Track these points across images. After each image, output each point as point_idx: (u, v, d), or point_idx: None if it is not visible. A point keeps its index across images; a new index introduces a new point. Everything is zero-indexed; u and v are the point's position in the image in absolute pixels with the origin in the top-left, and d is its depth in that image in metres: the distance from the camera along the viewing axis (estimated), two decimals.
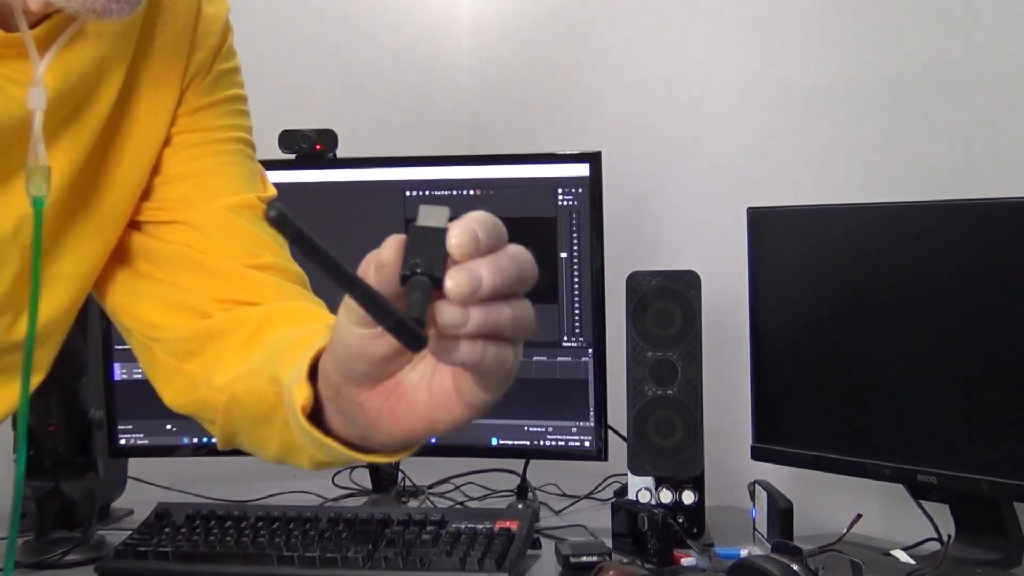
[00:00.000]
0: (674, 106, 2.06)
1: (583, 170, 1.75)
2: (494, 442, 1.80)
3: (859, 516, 1.53)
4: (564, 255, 1.76)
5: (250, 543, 1.50)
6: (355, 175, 1.84)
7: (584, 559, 1.49)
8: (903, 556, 1.47)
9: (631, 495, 1.63)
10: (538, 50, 2.35)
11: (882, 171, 1.73)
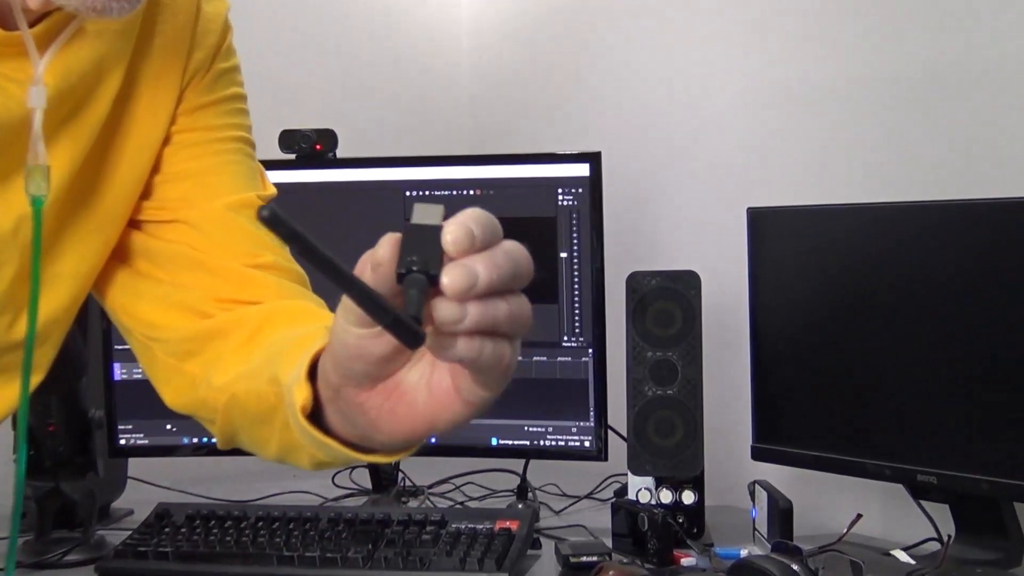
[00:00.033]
0: (674, 106, 2.06)
1: (583, 170, 1.75)
2: (494, 442, 1.80)
3: (859, 516, 1.53)
4: (564, 255, 1.76)
5: (250, 543, 1.50)
6: (355, 175, 1.84)
7: (584, 559, 1.49)
8: (903, 556, 1.47)
9: (631, 495, 1.63)
10: (538, 50, 2.35)
11: (882, 171, 1.73)
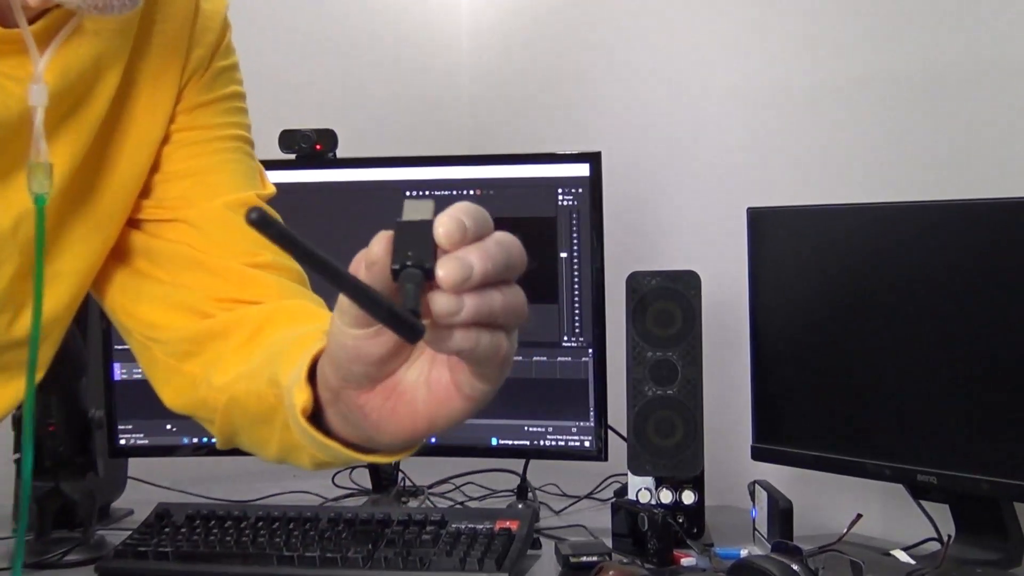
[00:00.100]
0: (674, 106, 2.06)
1: (583, 170, 1.75)
2: (494, 442, 1.80)
3: (859, 516, 1.53)
4: (564, 255, 1.76)
5: (250, 543, 1.50)
6: (355, 175, 1.84)
7: (584, 559, 1.49)
8: (903, 556, 1.47)
9: (631, 495, 1.63)
10: (538, 50, 2.35)
11: (882, 171, 1.73)
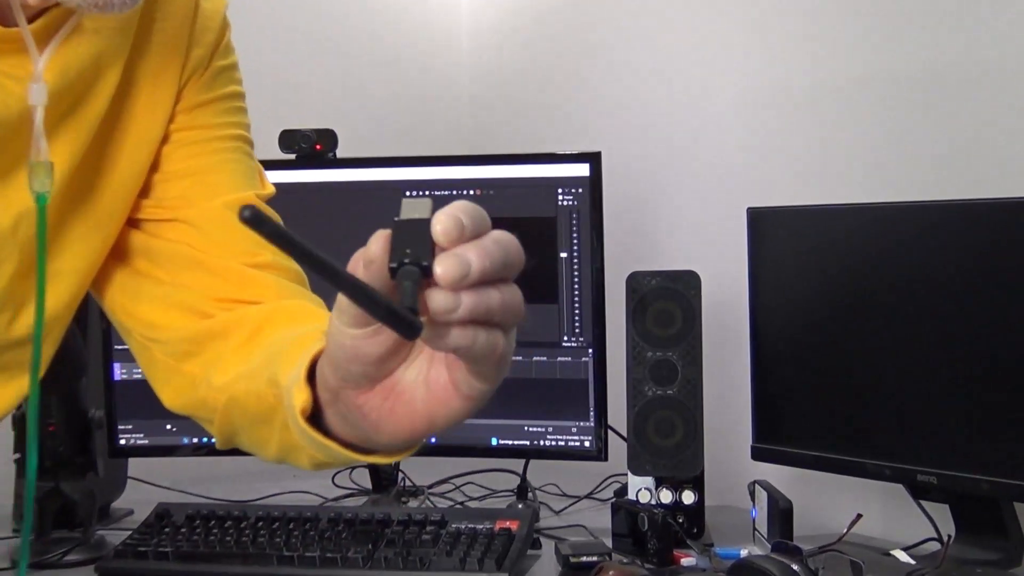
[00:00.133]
0: (674, 106, 2.06)
1: (583, 170, 1.75)
2: (494, 442, 1.80)
3: (859, 516, 1.53)
4: (564, 255, 1.76)
5: (250, 543, 1.50)
6: (355, 175, 1.84)
7: (584, 559, 1.49)
8: (903, 556, 1.47)
9: (631, 495, 1.63)
10: (538, 50, 2.35)
11: (882, 171, 1.73)
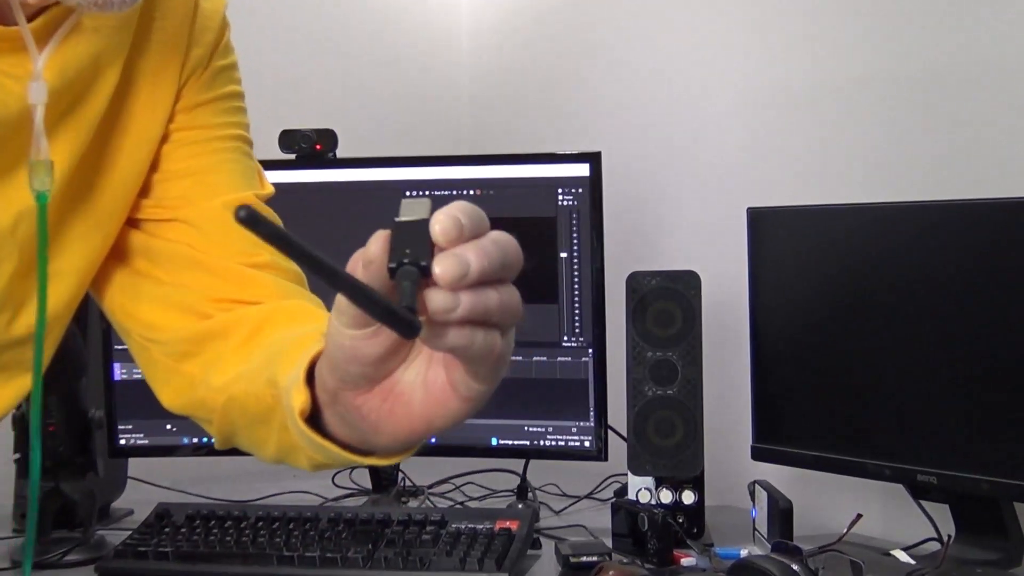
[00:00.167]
0: (674, 106, 2.06)
1: (583, 170, 1.75)
2: (494, 442, 1.80)
3: (859, 516, 1.52)
4: (564, 255, 1.76)
5: (250, 543, 1.50)
6: (355, 175, 1.84)
7: (584, 559, 1.49)
8: (903, 556, 1.47)
9: (631, 495, 1.63)
10: (538, 50, 2.35)
11: (882, 171, 1.73)
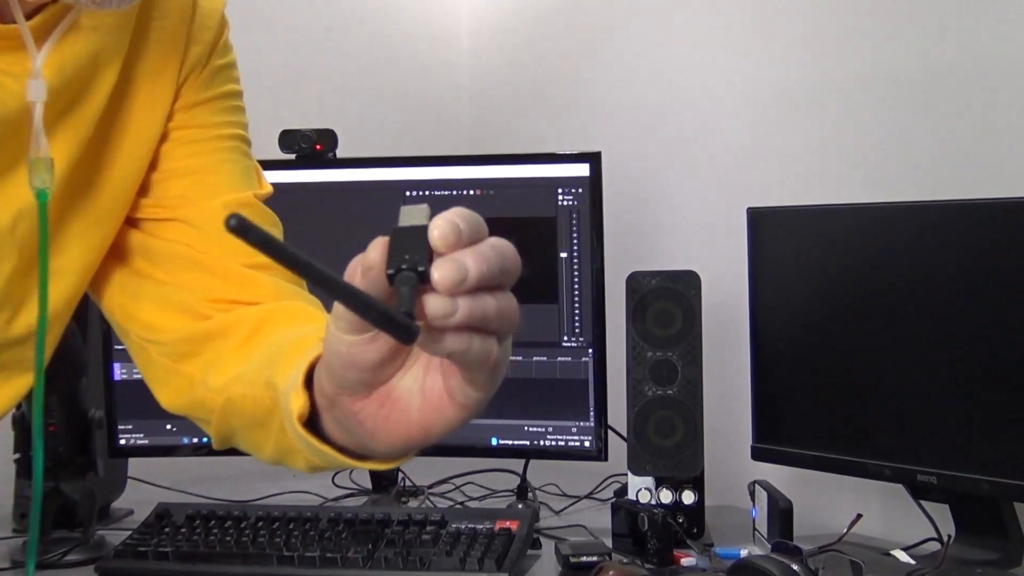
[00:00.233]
0: (674, 106, 2.06)
1: (583, 170, 1.75)
2: (494, 442, 1.80)
3: (859, 516, 1.52)
4: (564, 255, 1.75)
5: (250, 543, 1.50)
6: (355, 175, 1.84)
7: (584, 559, 1.49)
8: (903, 556, 1.47)
9: (631, 495, 1.63)
10: (538, 50, 2.34)
11: (882, 171, 1.73)
